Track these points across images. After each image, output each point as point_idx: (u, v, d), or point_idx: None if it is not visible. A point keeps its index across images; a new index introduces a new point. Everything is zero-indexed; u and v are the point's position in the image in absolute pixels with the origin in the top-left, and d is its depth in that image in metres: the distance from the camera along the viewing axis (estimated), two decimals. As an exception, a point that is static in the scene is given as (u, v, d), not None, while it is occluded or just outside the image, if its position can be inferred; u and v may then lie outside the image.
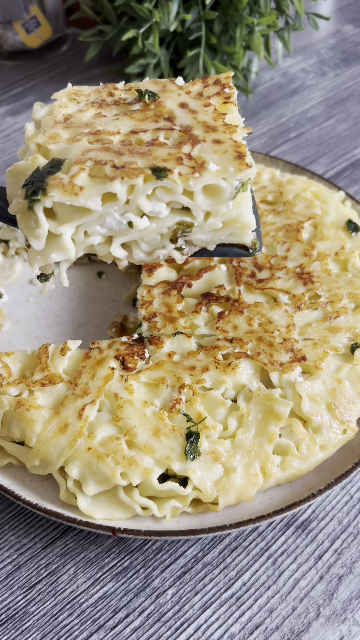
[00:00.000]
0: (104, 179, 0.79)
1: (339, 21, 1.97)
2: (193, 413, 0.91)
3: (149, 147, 0.83)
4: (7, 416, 0.92)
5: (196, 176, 0.79)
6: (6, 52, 1.79)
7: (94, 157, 0.80)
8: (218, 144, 0.83)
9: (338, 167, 1.49)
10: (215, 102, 0.92)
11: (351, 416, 0.94)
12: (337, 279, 1.08)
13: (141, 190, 0.79)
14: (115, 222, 0.81)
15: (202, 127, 0.86)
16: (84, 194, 0.78)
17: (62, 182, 0.78)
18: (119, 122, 0.88)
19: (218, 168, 0.81)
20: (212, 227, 0.85)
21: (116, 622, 0.86)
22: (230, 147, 0.83)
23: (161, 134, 0.86)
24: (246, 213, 0.85)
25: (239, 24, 1.48)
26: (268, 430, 0.90)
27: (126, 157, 0.80)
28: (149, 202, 0.81)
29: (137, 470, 0.86)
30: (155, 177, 0.79)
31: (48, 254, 0.81)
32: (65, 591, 0.88)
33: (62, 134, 0.86)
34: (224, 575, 0.89)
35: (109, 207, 0.80)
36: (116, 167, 0.79)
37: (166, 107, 0.91)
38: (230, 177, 0.81)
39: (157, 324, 1.02)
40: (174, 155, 0.81)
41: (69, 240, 0.81)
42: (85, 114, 0.90)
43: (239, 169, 0.80)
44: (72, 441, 0.88)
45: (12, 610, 0.87)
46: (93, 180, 0.79)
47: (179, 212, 0.83)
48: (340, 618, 0.85)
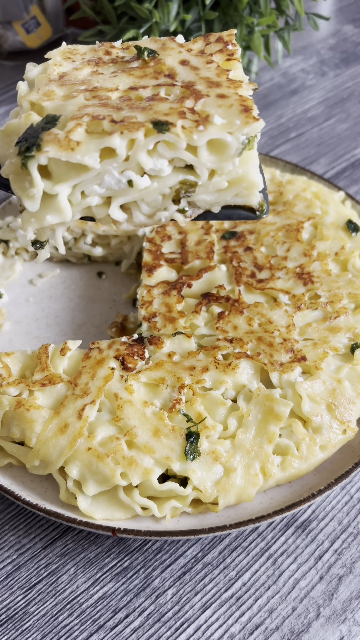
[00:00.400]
0: (102, 134, 0.74)
1: (339, 21, 1.97)
2: (193, 413, 0.91)
3: (149, 102, 0.78)
4: (7, 416, 0.92)
5: (200, 129, 0.75)
6: (6, 52, 1.79)
7: (91, 112, 0.76)
8: (223, 98, 0.79)
9: (338, 167, 1.49)
10: (218, 59, 0.87)
11: (351, 416, 0.94)
12: (337, 279, 1.08)
13: (142, 145, 0.75)
14: (114, 181, 0.77)
15: (205, 83, 0.82)
16: (80, 150, 0.73)
17: (57, 138, 0.74)
18: (116, 79, 0.84)
19: (224, 121, 0.76)
20: (217, 186, 0.80)
21: (116, 623, 0.86)
22: (235, 101, 0.78)
23: (162, 90, 0.81)
24: (253, 171, 0.80)
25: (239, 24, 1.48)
26: (268, 431, 0.90)
27: (125, 112, 0.76)
28: (150, 158, 0.76)
29: (137, 470, 0.86)
30: (157, 131, 0.74)
31: (43, 216, 0.76)
32: (65, 591, 0.88)
33: (57, 91, 0.82)
34: (224, 575, 0.89)
35: (107, 164, 0.75)
36: (115, 122, 0.75)
37: (166, 64, 0.86)
38: (237, 131, 0.76)
39: (157, 324, 1.02)
40: (176, 110, 0.77)
41: (65, 201, 0.76)
42: (82, 72, 0.86)
43: (245, 122, 0.76)
44: (72, 441, 0.88)
45: (12, 610, 0.87)
46: (90, 136, 0.75)
47: (182, 170, 0.78)
48: (340, 618, 0.85)
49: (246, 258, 1.12)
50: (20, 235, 1.20)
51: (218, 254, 1.13)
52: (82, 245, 1.22)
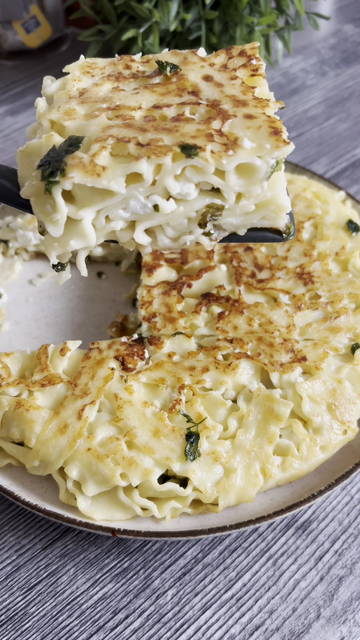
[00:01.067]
0: (128, 158, 0.72)
1: (339, 21, 1.97)
2: (193, 413, 0.91)
3: (174, 123, 0.75)
4: (7, 417, 0.92)
5: (230, 154, 0.72)
6: (6, 51, 1.79)
7: (115, 134, 0.73)
8: (250, 119, 0.76)
9: (338, 167, 1.49)
10: (242, 74, 0.84)
11: (352, 417, 0.94)
12: (338, 279, 1.08)
13: (169, 170, 0.72)
14: (139, 206, 0.74)
15: (231, 101, 0.79)
16: (107, 175, 0.70)
17: (82, 162, 0.71)
18: (139, 96, 0.80)
19: (253, 145, 0.74)
20: (244, 209, 0.77)
21: (116, 623, 0.85)
22: (264, 122, 0.76)
23: (187, 109, 0.78)
24: (281, 194, 0.78)
25: (239, 23, 1.48)
26: (268, 431, 0.90)
27: (151, 134, 0.73)
28: (177, 182, 0.73)
29: (136, 470, 0.86)
30: (185, 156, 0.72)
31: (67, 241, 0.74)
32: (65, 592, 0.88)
33: (78, 109, 0.79)
34: (224, 576, 0.89)
35: (133, 189, 0.72)
36: (141, 145, 0.72)
37: (189, 80, 0.83)
38: (267, 155, 0.74)
39: (157, 324, 1.02)
40: (204, 132, 0.74)
41: (89, 226, 0.74)
42: (102, 88, 0.83)
43: (276, 146, 0.73)
44: (71, 442, 0.87)
45: (11, 611, 0.86)
46: (116, 160, 0.72)
47: (209, 193, 0.76)
48: (340, 619, 0.85)
49: (246, 258, 1.12)
50: (20, 235, 1.20)
51: (218, 254, 1.13)
52: None
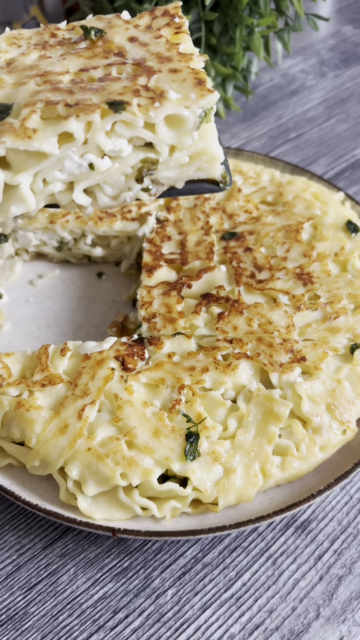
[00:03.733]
0: (58, 119, 0.73)
1: (338, 22, 1.98)
2: (193, 414, 0.91)
3: (101, 84, 0.77)
4: (7, 417, 0.92)
5: (156, 106, 0.74)
6: (6, 52, 1.80)
7: (44, 98, 0.75)
8: (175, 72, 0.78)
9: (338, 168, 1.49)
10: (166, 33, 0.87)
11: (351, 417, 0.94)
12: (337, 279, 1.08)
13: (99, 127, 0.74)
14: (75, 166, 0.76)
15: (156, 58, 0.81)
16: (38, 137, 0.72)
17: (12, 127, 0.72)
18: (66, 61, 0.82)
19: (179, 96, 0.76)
20: (179, 161, 0.79)
21: (116, 623, 0.86)
22: (188, 74, 0.78)
23: (113, 69, 0.80)
24: (212, 144, 0.80)
25: (238, 24, 1.48)
26: (268, 431, 0.90)
27: (79, 95, 0.75)
28: (109, 139, 0.75)
29: (136, 470, 0.86)
30: (113, 111, 0.74)
31: (7, 207, 0.75)
32: (65, 592, 0.88)
33: (6, 79, 0.80)
34: (224, 575, 0.89)
35: (66, 149, 0.74)
36: (69, 106, 0.74)
37: (115, 42, 0.85)
38: (193, 105, 0.76)
39: (157, 324, 1.02)
40: (130, 88, 0.76)
41: (27, 190, 0.75)
42: (29, 57, 0.84)
43: (201, 95, 0.76)
44: (72, 442, 0.88)
45: (12, 610, 0.87)
46: (46, 122, 0.74)
47: (142, 148, 0.78)
48: (340, 618, 0.85)
49: (246, 258, 1.12)
50: (20, 236, 1.20)
51: (218, 255, 1.13)
52: (82, 245, 1.22)
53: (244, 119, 1.63)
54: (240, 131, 1.60)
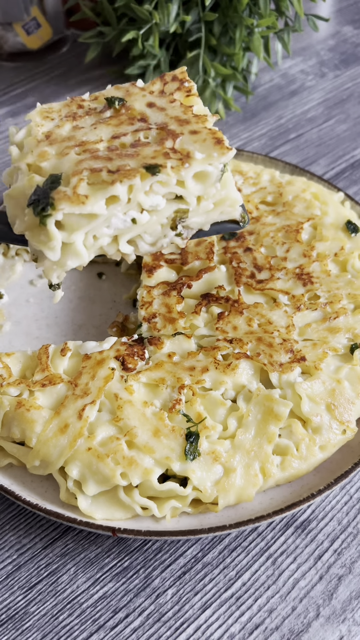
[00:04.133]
0: (103, 184, 0.84)
1: (338, 22, 1.98)
2: (193, 413, 0.91)
3: (134, 149, 0.89)
4: (8, 416, 0.92)
5: (186, 167, 0.86)
6: (6, 53, 1.80)
7: (88, 166, 0.85)
8: (195, 134, 0.90)
9: (337, 168, 1.49)
10: (178, 96, 0.98)
11: (350, 416, 0.94)
12: (337, 279, 1.08)
13: (140, 188, 0.85)
14: (120, 222, 0.87)
15: (176, 122, 0.92)
16: (89, 201, 0.83)
17: (66, 195, 0.83)
18: (98, 130, 0.93)
19: (203, 155, 0.87)
20: (205, 209, 0.91)
21: (116, 622, 0.86)
22: (207, 135, 0.90)
23: (141, 134, 0.91)
24: (232, 191, 0.92)
25: (238, 25, 1.48)
26: (268, 431, 0.90)
27: (117, 161, 0.86)
28: (147, 197, 0.86)
29: (137, 470, 0.86)
30: (151, 174, 0.85)
31: (64, 262, 0.86)
32: (66, 591, 0.88)
33: (49, 150, 0.91)
34: (224, 575, 0.89)
35: (113, 209, 0.85)
36: (111, 172, 0.84)
37: (136, 109, 0.96)
38: (215, 161, 0.87)
39: (157, 324, 1.03)
40: (160, 152, 0.87)
41: (81, 246, 0.86)
42: (64, 129, 0.95)
43: (221, 153, 0.87)
44: (72, 441, 0.88)
45: (12, 610, 0.87)
46: (93, 188, 0.84)
47: (174, 200, 0.89)
48: (339, 618, 0.85)
49: (246, 259, 1.12)
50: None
51: (218, 255, 1.14)
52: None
53: (244, 120, 1.63)
54: (240, 131, 1.60)
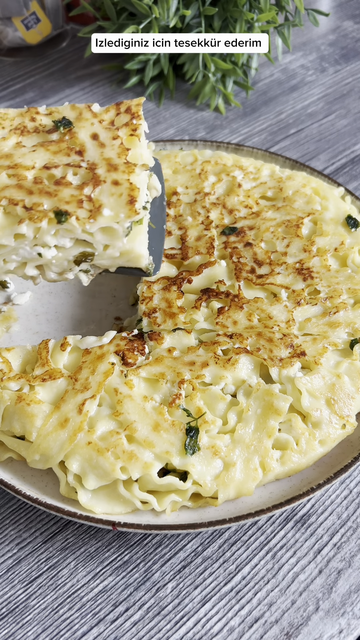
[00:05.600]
0: (15, 218, 0.91)
1: (338, 17, 1.97)
2: (193, 408, 0.91)
3: (56, 187, 0.94)
4: (8, 411, 0.92)
5: (91, 222, 0.91)
6: (6, 48, 1.79)
7: (8, 195, 0.92)
8: (116, 185, 0.94)
9: (338, 163, 1.49)
10: (123, 133, 1.01)
11: (350, 411, 0.94)
12: (337, 274, 1.08)
13: (45, 231, 0.90)
14: (26, 253, 0.93)
15: (106, 165, 0.97)
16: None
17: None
18: (35, 154, 0.98)
19: (111, 214, 0.91)
20: (111, 256, 0.95)
21: (116, 616, 0.86)
22: (125, 189, 0.93)
23: (70, 171, 0.96)
24: (138, 246, 0.95)
25: (238, 20, 1.48)
26: (267, 425, 0.91)
27: (35, 198, 0.92)
28: (54, 238, 0.92)
29: (136, 464, 0.86)
30: (57, 221, 0.90)
31: None
32: (66, 585, 0.89)
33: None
34: (224, 569, 0.90)
35: (20, 243, 0.91)
36: (26, 208, 0.90)
37: (79, 138, 1.00)
38: (122, 221, 0.91)
39: (157, 319, 1.03)
40: (76, 197, 0.92)
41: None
42: (7, 143, 1.01)
43: (128, 216, 0.91)
44: (72, 436, 0.88)
45: (12, 604, 0.87)
46: (7, 218, 0.91)
47: (82, 243, 0.94)
48: (339, 611, 0.86)
49: (246, 254, 1.12)
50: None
51: (218, 250, 1.13)
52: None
53: (244, 115, 1.63)
54: (240, 127, 1.60)
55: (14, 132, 1.02)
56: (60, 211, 0.90)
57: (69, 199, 0.92)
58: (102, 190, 0.94)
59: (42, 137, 1.02)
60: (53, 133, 1.02)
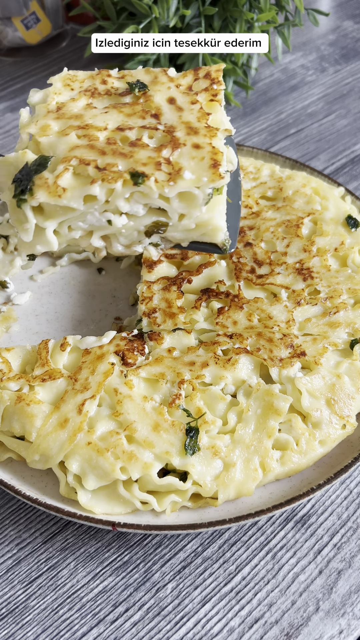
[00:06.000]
0: (87, 179, 0.83)
1: (338, 17, 1.97)
2: (193, 408, 0.91)
3: (131, 148, 0.86)
4: (8, 411, 0.92)
5: (171, 184, 0.83)
6: (6, 48, 1.79)
7: (79, 155, 0.84)
8: (197, 149, 0.87)
9: (338, 163, 1.49)
10: (202, 98, 0.94)
11: (350, 411, 0.94)
12: (337, 274, 1.08)
13: (119, 194, 0.83)
14: (95, 220, 0.86)
15: (185, 129, 0.89)
16: (66, 195, 0.82)
17: (47, 183, 0.83)
18: (107, 115, 0.91)
19: (192, 177, 0.84)
20: (186, 227, 0.89)
21: (116, 616, 0.86)
22: (207, 153, 0.86)
23: (145, 134, 0.88)
24: (217, 217, 0.88)
25: (238, 19, 1.48)
26: (267, 426, 0.90)
27: (109, 158, 0.84)
28: (127, 203, 0.85)
29: (136, 464, 0.86)
30: (133, 183, 0.83)
31: (34, 245, 0.87)
32: (66, 585, 0.88)
33: (52, 125, 0.89)
34: (224, 569, 0.90)
35: (89, 207, 0.84)
36: (99, 169, 0.83)
37: (154, 102, 0.93)
38: (203, 186, 0.84)
39: (157, 319, 1.02)
40: (154, 159, 0.85)
41: (51, 235, 0.87)
42: (77, 104, 0.93)
43: (212, 180, 0.84)
44: (72, 436, 0.88)
45: (12, 604, 0.87)
46: (77, 179, 0.84)
47: (156, 212, 0.87)
48: (339, 612, 0.85)
49: (246, 254, 1.12)
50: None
51: (218, 250, 1.13)
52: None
53: (244, 114, 1.63)
54: (240, 126, 1.60)
55: (84, 93, 0.95)
56: (136, 172, 0.82)
57: (146, 161, 0.84)
58: (182, 153, 0.86)
59: (114, 100, 0.95)
60: (126, 96, 0.95)
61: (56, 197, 0.81)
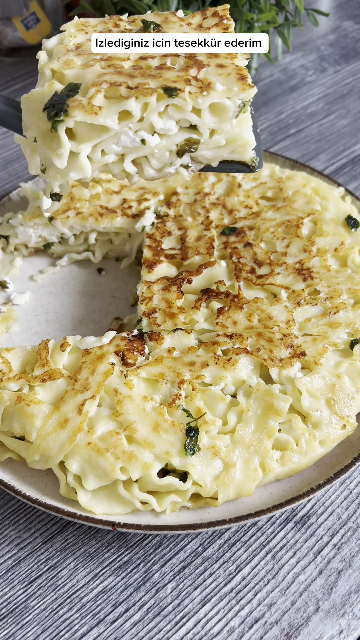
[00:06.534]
0: (120, 99, 0.84)
1: (338, 17, 1.97)
2: (193, 408, 0.91)
3: (158, 71, 0.89)
4: (8, 411, 0.92)
5: (204, 94, 0.86)
6: (6, 48, 1.79)
7: (108, 79, 0.86)
8: (221, 67, 0.90)
9: (338, 164, 1.49)
10: (214, 32, 0.98)
11: (350, 411, 0.94)
12: (337, 274, 1.08)
13: (154, 108, 0.85)
14: (129, 140, 0.87)
15: (206, 54, 0.93)
16: (102, 113, 0.83)
17: (81, 104, 0.83)
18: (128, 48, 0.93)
19: (224, 88, 0.87)
20: (216, 143, 0.91)
21: (116, 616, 0.86)
22: (233, 70, 0.90)
23: (168, 60, 0.91)
24: (247, 131, 0.91)
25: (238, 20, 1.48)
26: (267, 426, 0.90)
27: (139, 79, 0.86)
28: (161, 119, 0.86)
29: (136, 465, 0.86)
30: (168, 96, 0.85)
31: (67, 172, 0.86)
32: (66, 585, 0.88)
33: (75, 60, 0.91)
34: (224, 569, 0.90)
35: (124, 125, 0.85)
36: (130, 88, 0.85)
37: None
38: (235, 96, 0.87)
39: (157, 319, 1.03)
40: (182, 77, 0.87)
41: (85, 159, 0.86)
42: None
43: (242, 89, 0.87)
44: (72, 436, 0.88)
45: (12, 604, 0.87)
46: (109, 101, 0.85)
47: (187, 129, 0.89)
48: (339, 612, 0.85)
49: (246, 254, 1.12)
50: (20, 231, 1.20)
51: (218, 250, 1.13)
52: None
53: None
54: (240, 127, 1.59)
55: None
56: (169, 87, 0.85)
57: (175, 79, 0.87)
58: (208, 72, 0.90)
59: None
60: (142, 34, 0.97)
61: (92, 115, 0.82)
